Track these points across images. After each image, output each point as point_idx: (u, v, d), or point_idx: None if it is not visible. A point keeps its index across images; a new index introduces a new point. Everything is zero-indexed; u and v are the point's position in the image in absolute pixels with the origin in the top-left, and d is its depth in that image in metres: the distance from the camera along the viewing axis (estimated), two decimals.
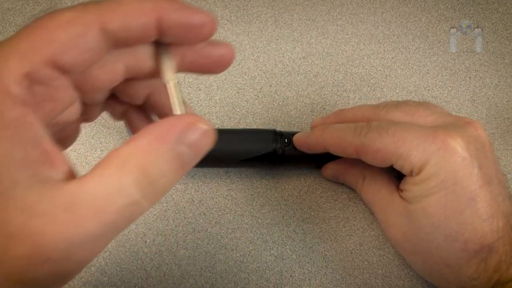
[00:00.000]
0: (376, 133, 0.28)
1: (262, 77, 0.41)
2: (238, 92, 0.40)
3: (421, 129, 0.27)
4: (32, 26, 0.16)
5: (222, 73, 0.41)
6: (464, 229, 0.25)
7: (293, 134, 0.33)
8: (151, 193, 0.15)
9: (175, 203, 0.34)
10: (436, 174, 0.26)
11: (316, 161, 0.35)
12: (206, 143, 0.17)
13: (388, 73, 0.42)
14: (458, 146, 0.26)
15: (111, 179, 0.15)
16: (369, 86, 0.41)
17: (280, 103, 0.40)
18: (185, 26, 0.17)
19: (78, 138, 0.38)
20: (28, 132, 0.14)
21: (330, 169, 0.34)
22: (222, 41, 0.19)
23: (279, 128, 0.38)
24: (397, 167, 0.28)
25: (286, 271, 0.32)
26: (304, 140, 0.32)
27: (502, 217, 0.26)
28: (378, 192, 0.31)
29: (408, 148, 0.27)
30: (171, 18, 0.16)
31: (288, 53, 0.43)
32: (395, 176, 0.31)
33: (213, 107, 0.39)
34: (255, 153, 0.32)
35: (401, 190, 0.29)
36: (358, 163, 0.32)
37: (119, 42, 0.16)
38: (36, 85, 0.15)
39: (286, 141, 0.32)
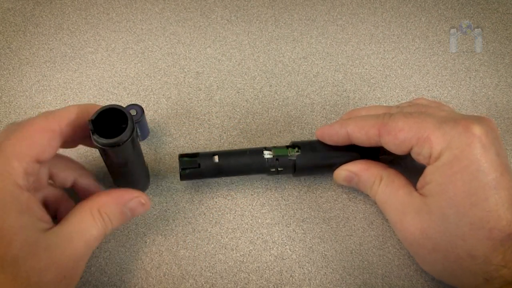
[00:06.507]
0: (400, 115, 0.29)
1: (262, 77, 0.41)
2: (238, 92, 0.40)
3: (442, 116, 0.28)
4: (18, 130, 0.25)
5: (222, 73, 0.42)
6: (490, 216, 0.25)
7: (282, 149, 0.33)
8: (105, 229, 0.27)
9: (175, 203, 0.34)
10: (458, 158, 0.26)
11: (310, 171, 0.34)
12: (141, 210, 0.29)
13: (388, 73, 0.42)
14: (479, 132, 0.26)
15: (82, 224, 0.26)
16: (369, 86, 0.41)
17: (280, 103, 0.40)
18: None
19: None
20: (34, 206, 0.25)
21: (345, 170, 0.32)
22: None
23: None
24: (415, 152, 0.28)
25: (286, 271, 0.32)
26: (328, 128, 0.32)
27: None
28: (395, 193, 0.30)
29: (431, 130, 0.27)
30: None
31: (288, 53, 0.43)
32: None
33: (213, 107, 0.39)
34: (254, 172, 0.33)
35: (420, 188, 0.28)
36: (375, 164, 0.32)
37: (66, 141, 0.27)
38: (30, 176, 0.25)
39: (277, 160, 0.32)
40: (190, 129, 0.38)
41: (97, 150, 0.29)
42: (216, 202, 0.34)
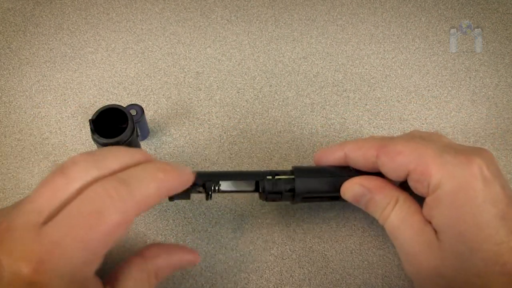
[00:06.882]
0: (401, 138, 0.28)
1: (262, 77, 0.41)
2: (238, 92, 0.40)
3: (443, 145, 0.27)
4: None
5: (222, 73, 0.42)
6: (502, 249, 0.24)
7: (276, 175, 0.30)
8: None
9: (175, 203, 0.34)
10: (463, 189, 0.25)
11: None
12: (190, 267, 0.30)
13: (388, 73, 0.42)
14: (481, 163, 0.25)
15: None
16: (369, 86, 0.41)
17: (280, 103, 0.40)
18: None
19: (78, 138, 0.38)
20: None
21: (358, 185, 0.29)
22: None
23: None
24: (412, 178, 0.27)
25: (286, 271, 0.32)
26: (325, 150, 0.31)
27: None
28: (411, 218, 0.27)
29: (431, 156, 0.26)
30: None
31: (288, 53, 0.43)
32: None
33: (213, 107, 0.39)
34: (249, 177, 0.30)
35: (430, 222, 0.27)
36: (391, 184, 0.29)
37: None
38: None
39: (274, 174, 0.30)
40: (190, 129, 0.38)
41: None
42: (216, 202, 0.34)
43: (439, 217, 0.26)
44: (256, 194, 0.31)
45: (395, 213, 0.28)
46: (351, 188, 0.29)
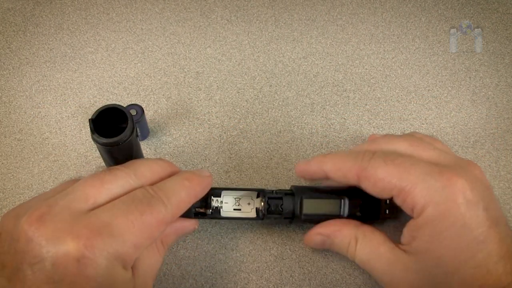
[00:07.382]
0: (381, 160, 0.27)
1: (262, 77, 0.41)
2: (238, 92, 0.40)
3: (427, 165, 0.26)
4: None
5: (222, 73, 0.42)
6: (479, 272, 0.24)
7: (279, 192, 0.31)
8: (164, 256, 0.28)
9: None
10: (443, 215, 0.25)
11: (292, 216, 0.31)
12: (191, 232, 0.32)
13: (388, 73, 0.42)
14: (463, 186, 0.25)
15: (151, 260, 0.27)
16: (369, 86, 0.41)
17: (280, 103, 0.40)
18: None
19: (78, 138, 0.38)
20: None
21: (317, 234, 0.30)
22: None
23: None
24: (398, 200, 0.27)
25: (286, 271, 0.32)
26: (304, 166, 0.31)
27: None
28: (376, 251, 0.28)
29: (413, 182, 0.26)
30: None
31: (288, 53, 0.43)
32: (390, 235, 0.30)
33: (213, 107, 0.39)
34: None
35: (406, 243, 0.27)
36: (347, 223, 0.30)
37: None
38: None
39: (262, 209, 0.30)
40: (190, 129, 0.38)
41: (97, 149, 0.29)
42: None
43: (419, 242, 0.26)
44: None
45: (360, 250, 0.29)
46: (312, 238, 0.31)
